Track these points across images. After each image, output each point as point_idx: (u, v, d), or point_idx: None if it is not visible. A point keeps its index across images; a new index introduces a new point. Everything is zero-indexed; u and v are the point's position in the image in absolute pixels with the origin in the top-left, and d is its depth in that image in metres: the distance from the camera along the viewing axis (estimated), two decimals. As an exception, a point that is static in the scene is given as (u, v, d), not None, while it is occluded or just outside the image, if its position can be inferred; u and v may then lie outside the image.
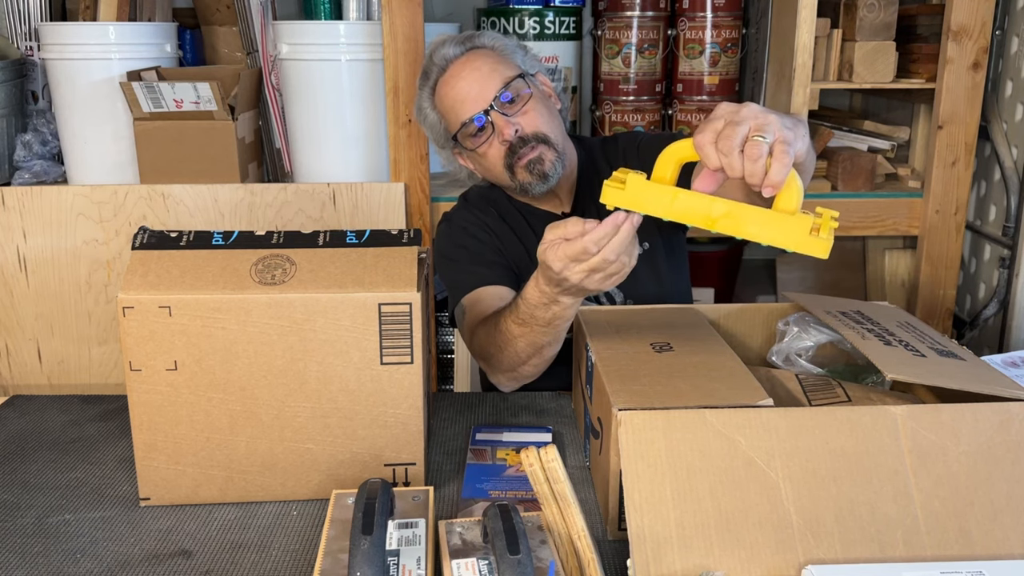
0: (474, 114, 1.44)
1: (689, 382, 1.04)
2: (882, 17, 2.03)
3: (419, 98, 1.55)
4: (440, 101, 1.51)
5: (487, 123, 1.44)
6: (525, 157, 1.43)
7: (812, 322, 1.26)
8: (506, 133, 1.42)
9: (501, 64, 1.46)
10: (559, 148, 1.46)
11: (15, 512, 1.09)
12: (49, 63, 2.03)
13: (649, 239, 1.54)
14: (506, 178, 1.48)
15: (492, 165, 1.48)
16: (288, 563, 0.99)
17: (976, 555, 0.90)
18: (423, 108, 1.54)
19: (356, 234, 1.13)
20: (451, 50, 1.48)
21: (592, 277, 1.06)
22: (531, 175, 1.45)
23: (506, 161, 1.45)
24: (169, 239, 1.11)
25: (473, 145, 1.47)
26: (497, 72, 1.44)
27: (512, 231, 1.55)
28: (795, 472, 0.92)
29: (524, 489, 1.11)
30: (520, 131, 1.43)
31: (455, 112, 1.47)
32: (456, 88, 1.46)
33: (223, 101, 1.93)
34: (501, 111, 1.43)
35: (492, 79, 1.44)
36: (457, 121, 1.47)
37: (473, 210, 1.58)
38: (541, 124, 1.44)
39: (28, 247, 1.99)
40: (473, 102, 1.44)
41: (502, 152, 1.45)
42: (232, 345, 1.05)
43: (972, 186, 2.10)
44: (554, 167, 1.45)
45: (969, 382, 1.01)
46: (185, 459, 1.09)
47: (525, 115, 1.44)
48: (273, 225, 1.99)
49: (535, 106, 1.45)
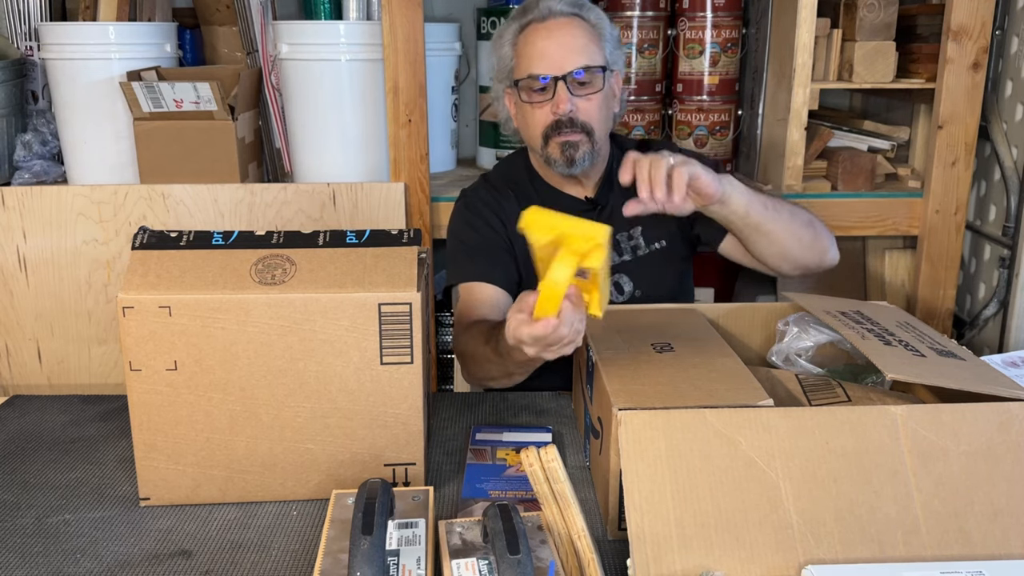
0: (545, 73, 1.45)
1: (690, 382, 1.04)
2: (882, 17, 2.02)
3: (505, 26, 1.54)
4: (522, 42, 1.50)
5: (551, 87, 1.45)
6: (564, 136, 1.46)
7: (812, 322, 1.26)
8: (561, 108, 1.44)
9: (594, 46, 1.47)
10: (597, 144, 1.49)
11: (15, 512, 1.09)
12: (49, 63, 2.02)
13: (667, 236, 1.58)
14: (538, 143, 1.49)
15: (533, 125, 1.49)
16: (288, 563, 0.99)
17: (976, 555, 0.90)
18: (503, 36, 1.53)
19: (356, 234, 1.13)
20: (559, 5, 1.48)
21: (549, 351, 1.06)
22: (561, 155, 1.47)
23: (546, 130, 1.47)
24: (169, 239, 1.11)
25: (527, 98, 1.48)
26: (586, 51, 1.46)
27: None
28: (795, 472, 0.92)
29: (524, 489, 1.11)
30: (573, 112, 1.45)
31: (530, 61, 1.47)
32: (544, 43, 1.46)
33: (223, 101, 1.93)
34: (569, 86, 1.44)
35: (579, 54, 1.45)
36: (527, 70, 1.47)
37: (492, 191, 1.59)
38: (593, 117, 1.47)
39: (28, 247, 1.99)
40: (551, 63, 1.45)
41: (547, 120, 1.46)
42: (232, 345, 1.05)
43: (972, 186, 2.10)
44: (584, 158, 1.47)
45: (969, 382, 1.01)
46: (185, 459, 1.09)
47: (586, 102, 1.46)
48: (273, 225, 1.99)
49: (598, 100, 1.47)
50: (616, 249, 1.55)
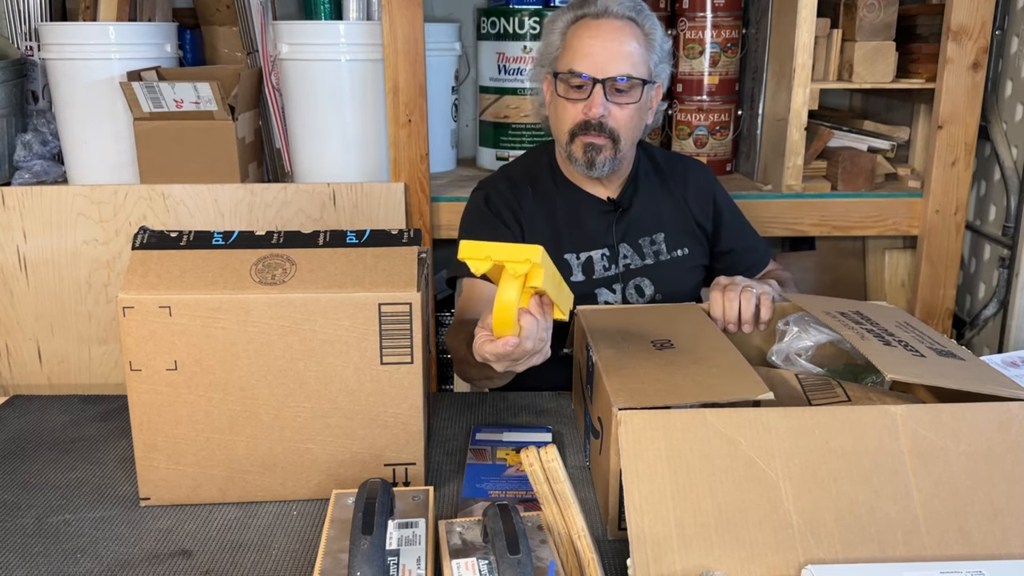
0: (587, 73, 1.44)
1: (690, 378, 1.05)
2: (882, 17, 2.03)
3: (560, 12, 1.52)
4: (572, 34, 1.48)
5: (588, 87, 1.44)
6: (590, 138, 1.46)
7: (812, 322, 1.26)
8: (593, 111, 1.44)
9: (642, 57, 1.46)
10: (621, 152, 1.48)
11: (15, 512, 1.09)
12: (49, 63, 2.03)
13: (690, 245, 1.58)
14: (564, 138, 1.49)
15: (562, 119, 1.48)
16: (288, 563, 0.99)
17: (976, 555, 0.90)
18: (555, 22, 1.51)
19: (356, 234, 1.13)
20: (616, 6, 1.46)
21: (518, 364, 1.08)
22: (583, 155, 1.47)
23: (574, 127, 1.47)
24: (169, 239, 1.11)
25: (563, 92, 1.47)
26: (632, 59, 1.45)
27: (545, 213, 1.56)
28: (795, 472, 0.92)
29: (524, 489, 1.11)
30: (604, 117, 1.44)
31: (574, 56, 1.45)
32: (592, 41, 1.45)
33: (223, 101, 1.93)
34: (606, 90, 1.44)
35: (624, 61, 1.44)
36: (570, 64, 1.45)
37: (510, 186, 1.58)
38: (623, 126, 1.46)
39: (28, 247, 1.99)
40: (594, 64, 1.43)
41: (578, 119, 1.46)
42: (232, 345, 1.05)
43: (972, 186, 2.10)
44: (605, 164, 1.47)
45: (969, 382, 1.01)
46: (185, 459, 1.09)
47: (619, 109, 1.45)
48: (273, 225, 1.99)
49: (632, 111, 1.46)
50: (638, 253, 1.55)
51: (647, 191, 1.58)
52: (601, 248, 1.54)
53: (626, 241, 1.55)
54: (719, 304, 1.33)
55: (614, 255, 1.54)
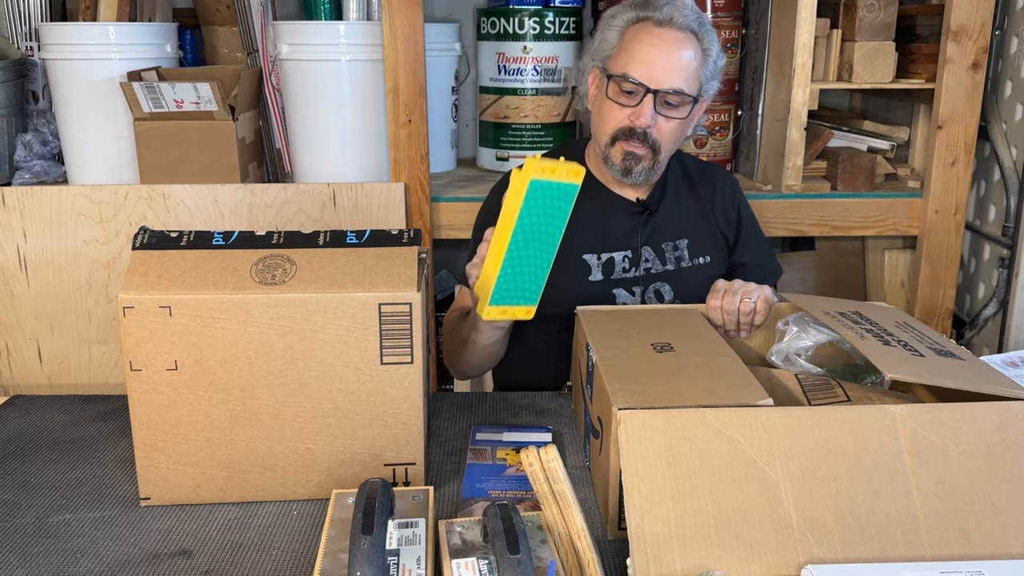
0: (641, 80, 1.41)
1: (689, 382, 1.05)
2: (882, 17, 2.03)
3: (621, 9, 1.48)
4: (630, 36, 1.45)
5: (639, 95, 1.42)
6: (631, 146, 1.44)
7: (811, 322, 1.26)
8: (641, 121, 1.42)
9: (695, 73, 1.45)
10: (659, 163, 1.48)
11: (15, 512, 1.09)
12: (49, 63, 2.03)
13: (712, 253, 1.57)
14: (604, 140, 1.47)
15: (606, 121, 1.47)
16: (288, 563, 0.99)
17: (976, 555, 0.90)
18: (615, 18, 1.48)
19: (356, 234, 1.13)
20: (681, 17, 1.43)
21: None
22: (622, 161, 1.46)
23: (617, 132, 1.45)
24: (169, 239, 1.11)
25: (612, 95, 1.45)
26: (686, 74, 1.43)
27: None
28: (795, 472, 0.92)
29: (524, 489, 1.11)
30: (649, 129, 1.43)
31: (631, 60, 1.43)
32: (651, 49, 1.42)
33: (223, 101, 1.93)
34: (656, 102, 1.42)
35: (679, 75, 1.42)
36: (624, 68, 1.43)
37: None
38: (666, 138, 1.46)
39: (28, 247, 1.99)
40: (650, 73, 1.41)
41: (622, 124, 1.44)
42: (232, 345, 1.05)
43: (972, 186, 2.11)
44: (641, 173, 1.47)
45: (968, 382, 1.01)
46: (185, 459, 1.09)
47: (666, 122, 1.44)
48: (273, 225, 1.99)
49: (676, 126, 1.46)
50: (660, 258, 1.54)
51: (675, 196, 1.57)
52: (624, 250, 1.53)
53: (649, 245, 1.54)
54: (717, 313, 1.34)
55: (636, 258, 1.53)
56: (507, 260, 1.14)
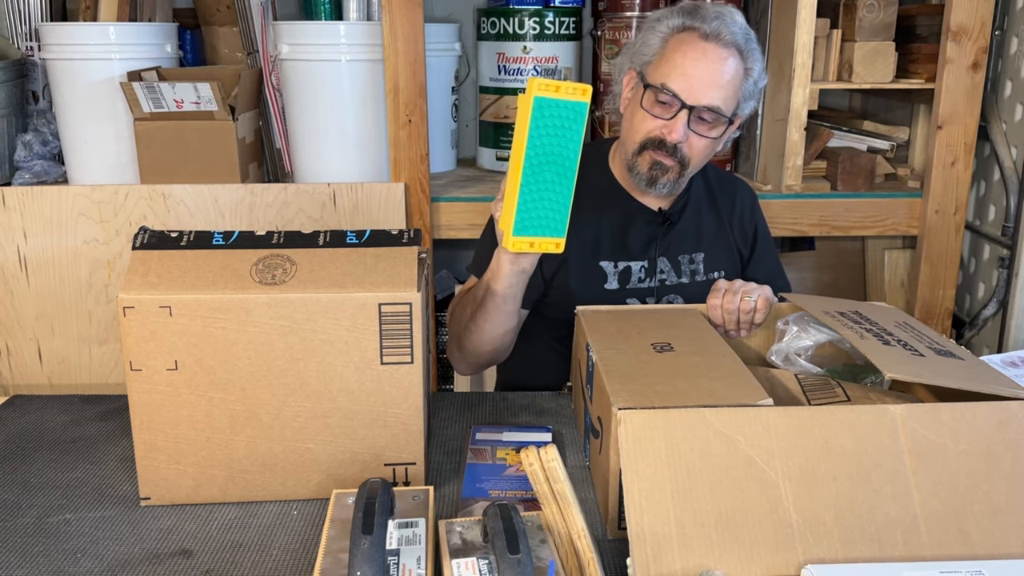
0: (679, 94, 1.37)
1: (689, 382, 1.05)
2: (882, 17, 2.03)
3: (667, 13, 1.43)
4: (673, 45, 1.40)
5: (674, 108, 1.38)
6: (660, 157, 1.41)
7: (811, 322, 1.26)
8: (673, 136, 1.39)
9: (734, 92, 1.40)
10: (685, 177, 1.46)
11: (15, 512, 1.09)
12: (49, 63, 2.03)
13: (726, 268, 1.55)
14: (633, 147, 1.44)
15: (637, 128, 1.43)
16: (288, 563, 0.99)
17: (975, 555, 0.90)
18: (659, 23, 1.43)
19: (356, 234, 1.13)
20: (729, 34, 1.38)
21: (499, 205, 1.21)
22: (647, 171, 1.43)
23: (647, 140, 1.41)
24: (169, 239, 1.11)
25: (646, 102, 1.40)
26: (725, 93, 1.39)
27: (590, 216, 1.50)
28: (795, 471, 0.92)
29: (524, 489, 1.11)
30: (680, 144, 1.39)
31: (671, 71, 1.38)
32: (693, 63, 1.37)
33: (223, 101, 1.93)
34: (691, 118, 1.38)
35: (718, 92, 1.38)
36: (663, 78, 1.38)
37: None
38: (696, 156, 1.42)
39: (28, 247, 1.99)
40: (689, 88, 1.37)
41: (653, 133, 1.41)
42: (232, 345, 1.06)
43: (972, 186, 2.11)
44: (666, 184, 1.44)
45: (968, 381, 1.01)
46: (185, 459, 1.09)
47: (698, 139, 1.40)
48: (273, 225, 1.99)
49: (707, 143, 1.42)
50: (676, 270, 1.52)
51: (696, 209, 1.55)
52: (641, 260, 1.50)
53: (666, 256, 1.51)
54: (718, 312, 1.33)
55: (652, 268, 1.51)
56: (524, 185, 1.13)
